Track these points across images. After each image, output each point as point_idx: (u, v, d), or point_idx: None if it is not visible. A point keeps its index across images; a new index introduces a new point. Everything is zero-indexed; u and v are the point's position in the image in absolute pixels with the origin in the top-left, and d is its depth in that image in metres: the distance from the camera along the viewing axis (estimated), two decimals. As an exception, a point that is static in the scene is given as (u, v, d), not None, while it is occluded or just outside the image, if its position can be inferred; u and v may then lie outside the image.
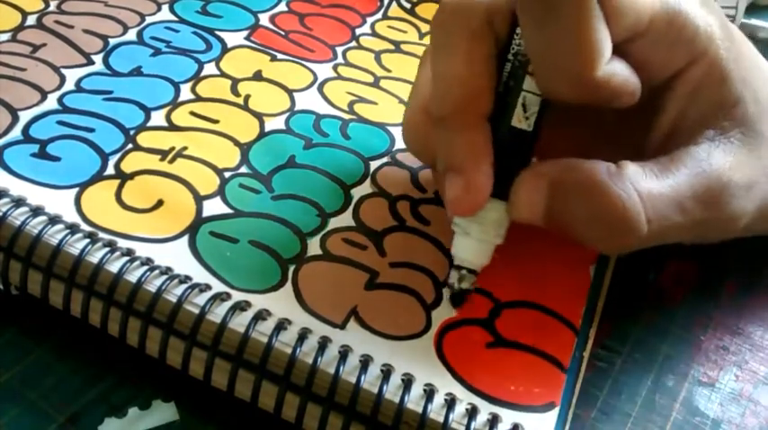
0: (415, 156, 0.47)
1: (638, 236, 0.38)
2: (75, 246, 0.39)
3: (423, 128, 0.43)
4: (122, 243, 0.40)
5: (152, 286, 0.38)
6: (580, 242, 0.40)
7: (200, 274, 0.40)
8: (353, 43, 0.60)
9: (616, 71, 0.37)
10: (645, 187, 0.38)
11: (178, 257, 0.40)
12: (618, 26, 0.37)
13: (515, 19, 0.38)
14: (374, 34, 0.61)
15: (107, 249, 0.39)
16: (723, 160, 0.40)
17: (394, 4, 0.65)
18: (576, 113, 0.41)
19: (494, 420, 0.36)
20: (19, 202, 0.41)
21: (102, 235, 0.40)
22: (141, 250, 0.40)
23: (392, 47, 0.60)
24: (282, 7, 0.62)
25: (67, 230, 0.40)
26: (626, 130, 0.43)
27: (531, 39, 0.38)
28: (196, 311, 0.38)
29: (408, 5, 0.65)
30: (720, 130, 0.41)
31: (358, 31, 0.61)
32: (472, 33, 0.39)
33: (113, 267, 0.39)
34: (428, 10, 0.65)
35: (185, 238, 0.42)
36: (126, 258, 0.39)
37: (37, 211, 0.41)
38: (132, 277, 0.38)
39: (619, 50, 0.38)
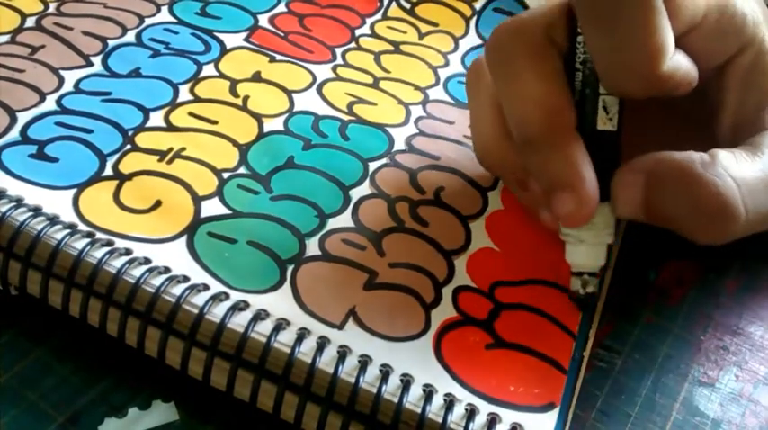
0: (497, 176, 0.49)
1: (737, 222, 0.39)
2: (75, 246, 0.39)
3: (502, 152, 0.45)
4: (120, 243, 0.40)
5: (151, 286, 0.38)
6: (682, 233, 0.41)
7: (198, 275, 0.40)
8: (353, 44, 0.60)
9: (680, 64, 0.39)
10: (739, 174, 0.39)
11: (176, 258, 0.40)
12: (678, 21, 0.39)
13: (574, 28, 0.40)
14: (373, 35, 0.61)
15: (106, 249, 0.39)
16: None
17: (394, 4, 0.65)
18: (647, 112, 0.43)
19: (493, 421, 0.36)
20: (18, 203, 0.41)
21: (100, 235, 0.40)
22: (139, 251, 0.40)
23: (391, 47, 0.60)
24: (282, 8, 0.62)
25: (67, 230, 0.40)
26: (696, 126, 0.44)
27: (596, 44, 0.39)
28: (195, 311, 0.38)
29: (408, 5, 0.65)
30: None
31: (357, 32, 0.61)
32: (536, 52, 0.40)
33: (112, 267, 0.39)
34: (428, 10, 0.65)
35: (183, 239, 0.42)
36: (125, 258, 0.39)
37: (36, 212, 0.41)
38: (131, 277, 0.38)
39: (676, 43, 0.39)
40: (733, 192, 0.38)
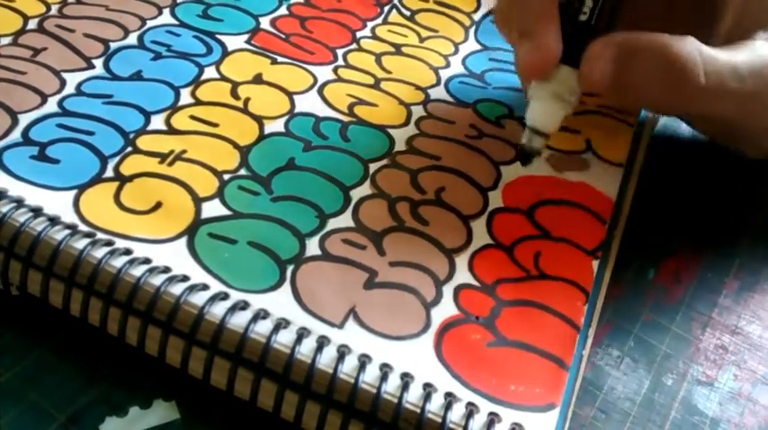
0: (504, 38, 0.53)
1: (695, 85, 0.43)
2: (75, 245, 0.39)
3: (506, 12, 0.51)
4: (120, 243, 0.40)
5: (151, 285, 0.38)
6: (645, 102, 0.49)
7: (198, 275, 0.40)
8: (354, 45, 0.60)
9: None
10: (705, 50, 0.43)
11: (176, 258, 0.40)
12: None
13: None
14: (374, 37, 0.61)
15: (107, 249, 0.39)
16: None
17: (394, 11, 0.65)
18: (647, 26, 0.46)
19: (492, 420, 0.36)
20: (19, 203, 0.41)
21: (101, 235, 0.40)
22: (139, 251, 0.40)
23: (392, 49, 0.60)
24: (283, 11, 0.62)
25: (68, 231, 0.40)
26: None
27: None
28: (195, 310, 0.38)
29: (408, 13, 0.65)
30: None
31: (358, 34, 0.61)
32: None
33: (113, 267, 0.39)
34: (427, 18, 0.65)
35: (183, 239, 0.42)
36: (126, 258, 0.39)
37: (37, 212, 0.41)
38: (131, 277, 0.38)
39: None
40: (695, 57, 0.43)
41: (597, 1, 0.44)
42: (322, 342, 0.37)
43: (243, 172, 0.47)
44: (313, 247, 0.43)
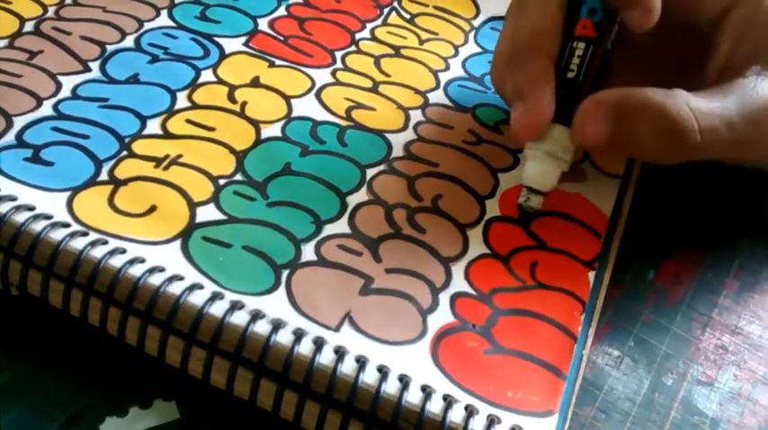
0: (500, 96, 0.55)
1: (692, 143, 0.43)
2: (75, 245, 0.39)
3: (502, 70, 0.51)
4: (114, 244, 0.40)
5: (151, 285, 0.38)
6: (640, 157, 0.51)
7: (192, 276, 0.40)
8: (353, 47, 0.60)
9: None
10: (696, 104, 0.43)
11: (170, 260, 0.40)
12: None
13: None
14: (374, 39, 0.61)
15: (106, 249, 0.39)
16: None
17: (393, 13, 0.65)
18: (641, 61, 0.48)
19: (492, 421, 0.36)
20: (19, 204, 0.41)
21: (94, 235, 0.40)
22: (132, 252, 0.40)
23: (392, 51, 0.60)
24: (282, 12, 0.62)
25: (67, 230, 0.40)
26: (685, 76, 0.47)
27: None
28: (195, 310, 0.38)
29: (408, 16, 0.65)
30: (766, 67, 0.45)
31: (357, 36, 0.61)
32: None
33: (112, 267, 0.39)
34: (427, 21, 0.65)
35: (177, 242, 0.42)
36: (125, 257, 0.39)
37: (37, 212, 0.41)
38: (131, 276, 0.38)
39: None
40: (689, 117, 0.43)
41: (584, 58, 0.46)
42: (321, 342, 0.37)
43: (239, 177, 0.46)
44: (309, 253, 0.43)
